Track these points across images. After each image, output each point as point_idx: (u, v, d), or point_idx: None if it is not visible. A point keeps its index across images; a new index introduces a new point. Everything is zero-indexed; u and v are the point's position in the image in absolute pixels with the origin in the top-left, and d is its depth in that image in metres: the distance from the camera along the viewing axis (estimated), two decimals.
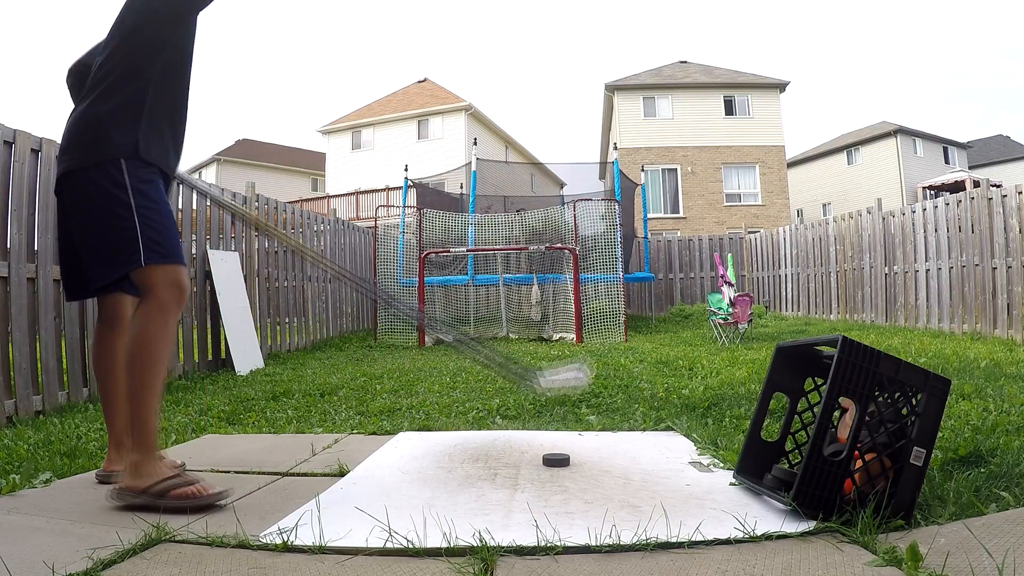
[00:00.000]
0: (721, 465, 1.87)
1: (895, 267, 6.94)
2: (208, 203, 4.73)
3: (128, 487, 1.52)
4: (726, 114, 21.95)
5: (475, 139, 9.83)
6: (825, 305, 8.48)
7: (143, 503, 1.50)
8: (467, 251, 7.18)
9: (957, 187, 20.35)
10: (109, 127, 1.63)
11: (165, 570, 1.16)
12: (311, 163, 32.16)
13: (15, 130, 3.08)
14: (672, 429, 2.42)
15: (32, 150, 3.18)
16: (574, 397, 3.08)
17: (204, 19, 1.82)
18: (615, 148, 9.64)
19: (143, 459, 1.53)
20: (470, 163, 9.03)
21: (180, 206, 4.45)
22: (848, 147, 29.23)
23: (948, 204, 6.02)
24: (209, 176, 28.67)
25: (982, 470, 1.63)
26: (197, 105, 2.04)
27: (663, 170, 21.51)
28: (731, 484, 1.66)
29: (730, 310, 5.89)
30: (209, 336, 4.72)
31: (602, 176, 14.07)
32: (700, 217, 21.12)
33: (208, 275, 4.72)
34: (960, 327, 5.77)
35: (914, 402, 1.43)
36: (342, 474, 1.86)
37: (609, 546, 1.24)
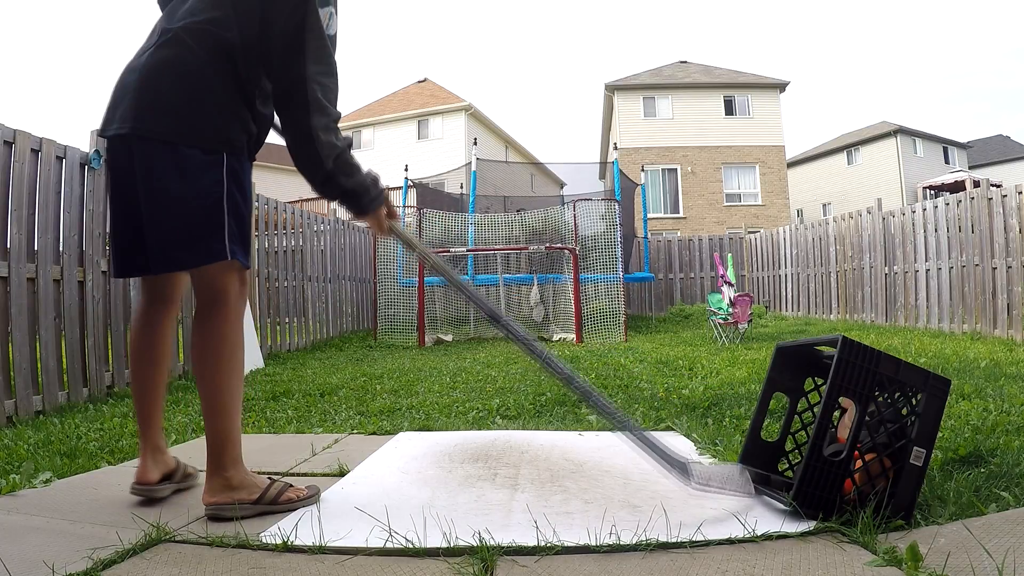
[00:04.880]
0: None
1: (895, 267, 6.94)
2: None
3: (228, 502, 1.45)
4: (726, 114, 21.96)
5: (475, 139, 9.83)
6: (825, 305, 8.47)
7: (260, 512, 1.47)
8: (467, 251, 7.18)
9: (957, 187, 20.34)
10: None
11: (165, 570, 1.16)
12: None
13: (15, 130, 3.08)
14: (672, 429, 2.42)
15: (32, 150, 3.17)
16: (574, 397, 3.08)
17: None
18: (615, 148, 9.64)
19: (237, 472, 1.49)
20: (470, 163, 9.03)
21: None
22: (848, 147, 29.24)
23: (948, 204, 6.02)
24: None
25: (982, 470, 1.63)
26: None
27: (663, 170, 21.52)
28: None
29: (730, 310, 5.89)
30: None
31: (602, 176, 14.07)
32: (700, 217, 21.12)
33: None
34: (960, 327, 5.77)
35: (914, 402, 1.43)
36: (342, 474, 1.86)
37: (609, 546, 1.24)
